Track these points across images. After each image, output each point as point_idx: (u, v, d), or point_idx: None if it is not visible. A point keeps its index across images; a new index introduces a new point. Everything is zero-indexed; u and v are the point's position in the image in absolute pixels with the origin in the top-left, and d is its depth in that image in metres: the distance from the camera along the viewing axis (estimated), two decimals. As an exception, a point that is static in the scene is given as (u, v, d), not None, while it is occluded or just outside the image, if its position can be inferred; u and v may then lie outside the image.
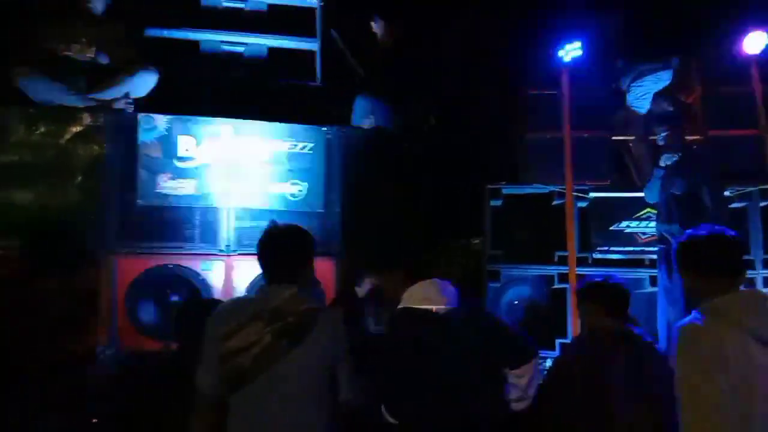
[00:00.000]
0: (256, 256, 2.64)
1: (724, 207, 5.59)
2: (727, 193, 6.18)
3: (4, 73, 5.08)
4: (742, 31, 6.16)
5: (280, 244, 2.67)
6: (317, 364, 2.57)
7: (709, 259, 2.30)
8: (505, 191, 6.47)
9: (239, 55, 5.91)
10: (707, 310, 2.21)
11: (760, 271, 6.02)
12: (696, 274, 2.34)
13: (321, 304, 2.77)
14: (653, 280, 5.86)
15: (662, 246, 5.67)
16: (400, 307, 2.87)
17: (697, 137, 6.72)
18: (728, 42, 6.35)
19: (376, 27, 6.09)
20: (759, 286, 5.97)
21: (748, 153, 6.23)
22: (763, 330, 2.08)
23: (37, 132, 4.90)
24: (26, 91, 5.14)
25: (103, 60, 5.41)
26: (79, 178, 4.91)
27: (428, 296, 2.83)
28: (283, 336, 2.50)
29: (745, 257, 6.09)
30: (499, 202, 6.46)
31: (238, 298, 3.59)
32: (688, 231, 2.46)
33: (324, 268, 4.90)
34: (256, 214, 5.02)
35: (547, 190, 6.44)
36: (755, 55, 6.11)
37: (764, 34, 6.07)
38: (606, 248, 6.24)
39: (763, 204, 6.04)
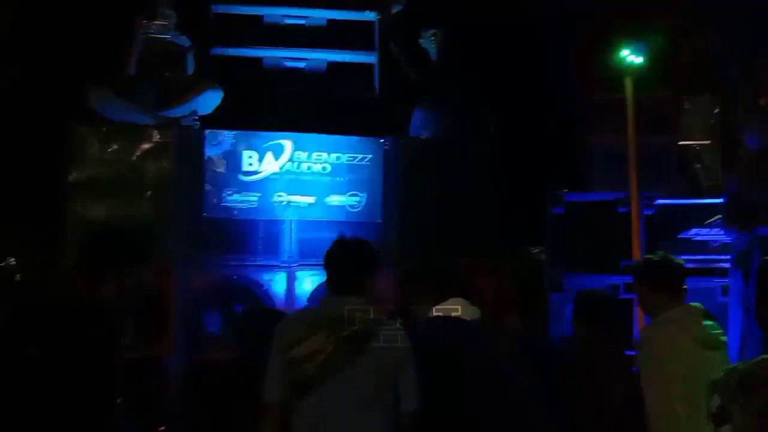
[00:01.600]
0: (317, 267, 2.72)
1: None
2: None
3: (79, 94, 5.36)
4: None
5: (346, 256, 2.72)
6: (380, 373, 2.59)
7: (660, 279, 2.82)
8: (567, 198, 6.35)
9: (300, 70, 6.05)
10: (662, 320, 2.76)
11: None
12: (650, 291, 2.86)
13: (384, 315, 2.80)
14: (725, 290, 5.61)
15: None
16: (431, 317, 2.91)
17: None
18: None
19: (424, 42, 6.12)
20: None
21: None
22: (702, 333, 2.65)
23: (110, 149, 5.15)
24: (101, 111, 5.40)
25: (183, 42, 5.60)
26: (149, 193, 5.12)
27: (455, 308, 2.87)
28: (347, 344, 2.54)
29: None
30: (561, 210, 6.34)
31: (303, 308, 3.68)
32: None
33: (382, 280, 4.92)
34: (317, 225, 5.11)
35: (612, 197, 6.28)
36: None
37: None
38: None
39: None
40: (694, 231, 5.98)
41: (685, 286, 2.85)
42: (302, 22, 6.15)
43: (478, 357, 2.84)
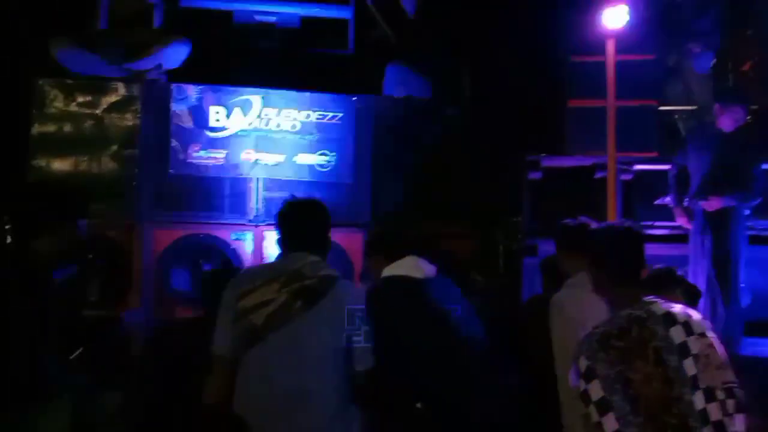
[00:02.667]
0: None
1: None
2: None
3: (42, 45, 5.20)
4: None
5: (299, 214, 2.68)
6: (331, 330, 2.55)
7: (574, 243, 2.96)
8: (544, 163, 6.28)
9: (272, 25, 5.88)
10: (573, 282, 2.91)
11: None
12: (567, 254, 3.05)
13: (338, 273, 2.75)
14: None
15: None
16: (382, 277, 2.88)
17: (754, 106, 6.34)
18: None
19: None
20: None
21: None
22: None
23: (75, 103, 5.01)
24: (65, 64, 5.25)
25: None
26: (114, 148, 5.00)
27: (408, 268, 2.83)
28: (298, 297, 2.50)
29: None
30: (538, 175, 6.28)
31: (260, 264, 3.62)
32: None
33: (352, 240, 4.87)
34: (285, 184, 5.01)
35: (589, 162, 6.21)
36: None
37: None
38: (650, 223, 5.98)
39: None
40: (669, 198, 5.93)
41: None
42: (274, -25, 5.97)
43: (426, 314, 2.81)
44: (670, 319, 2.05)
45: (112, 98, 5.07)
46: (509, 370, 3.31)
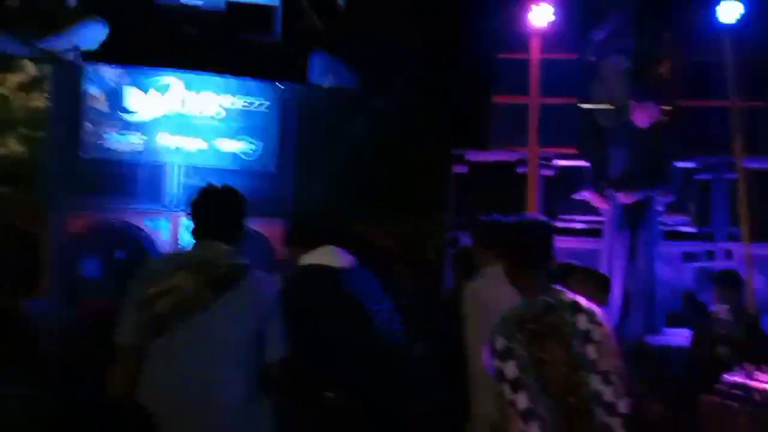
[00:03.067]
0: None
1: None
2: (693, 165, 6.14)
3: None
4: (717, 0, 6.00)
5: (212, 203, 2.61)
6: (242, 320, 2.49)
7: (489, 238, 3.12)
8: (469, 157, 6.40)
9: (196, 8, 5.71)
10: (487, 273, 3.01)
11: (722, 244, 5.99)
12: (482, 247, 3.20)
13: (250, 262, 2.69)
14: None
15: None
16: (300, 265, 2.86)
17: (668, 107, 6.63)
18: (702, 11, 6.19)
19: None
20: (720, 258, 5.95)
21: (718, 124, 6.12)
22: None
23: (-20, 81, 4.72)
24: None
25: None
26: (22, 130, 4.74)
27: (325, 257, 2.83)
28: (208, 286, 2.43)
29: (707, 230, 6.12)
30: (463, 169, 6.39)
31: (169, 252, 3.51)
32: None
33: (275, 231, 4.79)
34: (206, 172, 4.87)
35: (512, 158, 6.36)
36: (729, 25, 5.95)
37: (738, 3, 5.91)
38: (568, 217, 6.18)
39: (729, 176, 5.98)
40: (588, 193, 6.12)
41: None
42: (199, -44, 5.78)
43: (341, 303, 2.80)
44: (576, 307, 2.21)
45: (21, 78, 4.79)
46: (426, 359, 3.34)
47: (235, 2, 5.73)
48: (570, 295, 2.26)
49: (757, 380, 3.11)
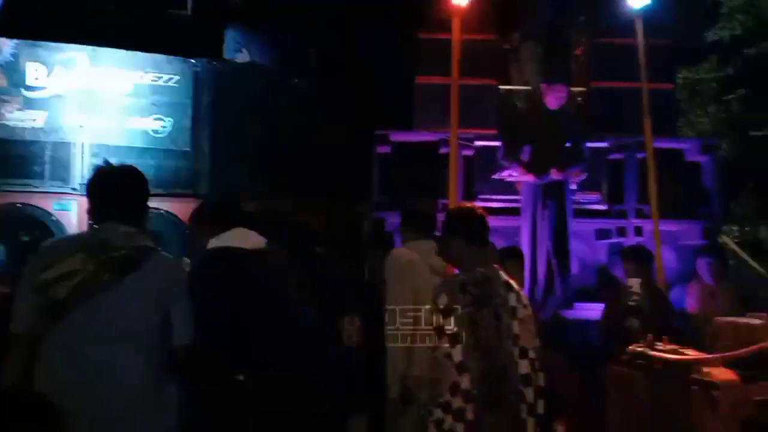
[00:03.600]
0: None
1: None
2: (605, 145, 6.33)
3: None
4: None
5: (110, 183, 2.47)
6: (145, 304, 2.37)
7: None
8: (393, 138, 6.38)
9: (103, -21, 5.43)
10: (408, 244, 3.39)
11: (632, 221, 6.22)
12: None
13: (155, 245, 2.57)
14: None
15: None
16: (210, 247, 2.76)
17: (582, 88, 6.82)
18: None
19: None
20: (631, 235, 6.18)
21: (628, 105, 6.32)
22: (431, 261, 3.17)
23: None
24: None
25: None
26: None
27: (236, 239, 2.76)
28: (106, 269, 2.30)
29: (619, 207, 6.35)
30: (386, 149, 6.37)
31: (65, 235, 3.33)
32: None
33: (189, 210, 4.64)
34: (115, 150, 4.67)
35: (435, 138, 6.38)
36: (640, 9, 6.14)
37: (648, -13, 6.10)
38: (488, 196, 6.27)
39: (639, 156, 6.21)
40: (507, 172, 6.24)
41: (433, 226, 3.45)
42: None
43: (251, 286, 2.72)
44: (509, 285, 2.54)
45: None
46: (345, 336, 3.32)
47: (146, -26, 5.49)
48: (503, 275, 2.56)
49: (657, 350, 3.24)
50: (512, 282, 2.54)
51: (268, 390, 2.70)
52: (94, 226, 2.49)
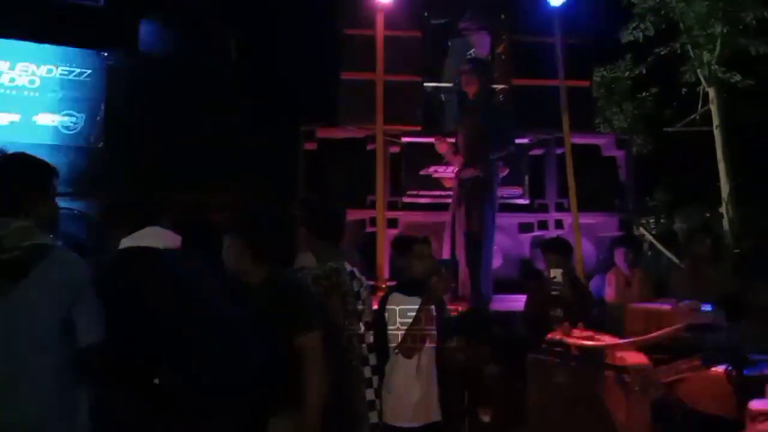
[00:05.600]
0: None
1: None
2: (526, 141, 6.49)
3: None
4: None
5: (3, 172, 2.32)
6: (44, 306, 2.25)
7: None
8: (319, 134, 6.32)
9: (6, -35, 5.12)
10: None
11: (553, 214, 6.41)
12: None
13: (54, 241, 2.43)
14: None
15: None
16: (121, 248, 2.66)
17: (503, 86, 6.97)
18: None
19: None
20: (551, 228, 6.37)
21: (548, 102, 6.50)
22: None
23: None
24: None
25: None
26: None
27: (148, 238, 2.66)
28: (1, 272, 2.17)
29: (540, 201, 6.53)
30: (313, 145, 6.31)
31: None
32: None
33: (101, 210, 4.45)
34: (22, 147, 4.38)
35: (361, 135, 6.37)
36: (559, 8, 6.32)
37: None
38: (415, 193, 6.32)
39: (558, 151, 6.40)
40: (432, 168, 6.31)
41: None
42: None
43: (164, 285, 2.63)
44: (353, 274, 3.09)
45: None
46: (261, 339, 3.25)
47: (54, -39, 5.21)
48: (348, 265, 3.10)
49: (573, 337, 3.36)
50: (356, 270, 3.13)
51: (183, 390, 2.63)
52: None
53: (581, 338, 3.30)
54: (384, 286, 5.19)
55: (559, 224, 6.37)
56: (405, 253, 3.64)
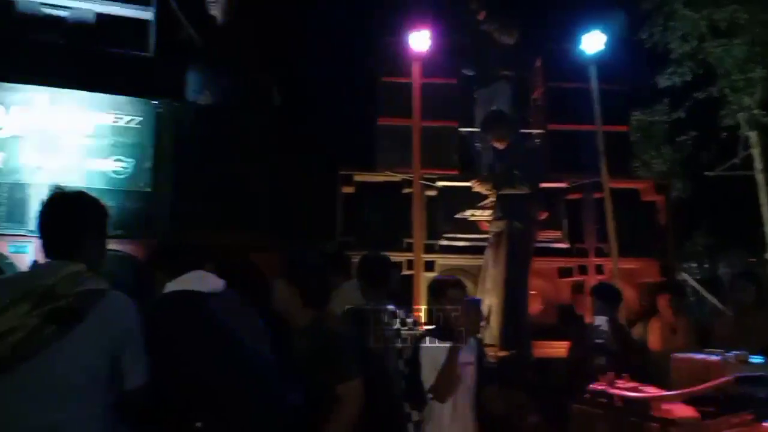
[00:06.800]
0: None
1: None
2: (563, 185, 6.48)
3: None
4: (583, 30, 6.43)
5: (58, 212, 2.33)
6: (95, 353, 2.23)
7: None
8: (357, 178, 6.42)
9: (62, 18, 5.38)
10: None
11: (593, 259, 6.33)
12: None
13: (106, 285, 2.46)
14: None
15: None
16: (165, 291, 2.70)
17: (539, 131, 7.00)
18: (570, 40, 6.62)
19: (208, 1, 5.81)
20: (591, 273, 6.28)
21: (584, 147, 6.51)
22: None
23: None
24: None
25: None
26: None
27: (192, 282, 2.70)
28: (51, 320, 2.16)
29: (580, 246, 6.47)
30: (351, 189, 6.40)
31: (6, 276, 3.18)
32: None
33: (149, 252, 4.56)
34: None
35: (398, 179, 6.45)
36: (594, 54, 6.38)
37: (602, 34, 6.36)
38: (452, 236, 6.33)
39: (596, 196, 6.36)
40: (469, 212, 6.33)
41: None
42: (64, -36, 5.46)
43: (208, 329, 2.66)
44: (393, 314, 3.46)
45: None
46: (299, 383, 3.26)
47: (106, 13, 5.46)
48: (391, 306, 3.50)
49: (617, 387, 3.28)
50: (395, 309, 3.49)
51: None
52: (38, 263, 2.36)
53: (626, 389, 3.22)
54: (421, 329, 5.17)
55: (599, 269, 6.30)
56: (439, 297, 3.64)
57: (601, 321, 3.99)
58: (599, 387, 3.34)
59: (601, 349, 3.93)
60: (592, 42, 6.35)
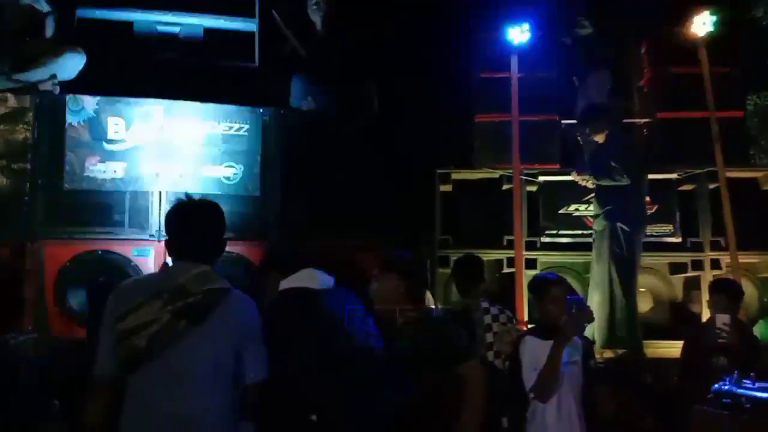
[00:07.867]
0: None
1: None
2: (675, 176, 6.17)
3: None
4: (692, 12, 6.09)
5: (186, 218, 2.50)
6: (221, 348, 2.41)
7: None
8: (454, 176, 6.41)
9: (175, 35, 5.74)
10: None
11: (708, 253, 6.00)
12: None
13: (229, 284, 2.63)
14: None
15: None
16: (281, 289, 2.83)
17: (647, 119, 6.70)
18: (678, 23, 6.29)
19: (309, 11, 6.01)
20: (707, 268, 5.95)
21: (696, 135, 6.16)
22: None
23: (-39, 115, 4.73)
24: (-50, 73, 4.95)
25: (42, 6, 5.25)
26: (4, 162, 4.74)
27: (304, 279, 2.80)
28: (182, 316, 2.35)
29: (693, 240, 6.13)
30: (448, 187, 6.39)
31: (141, 276, 3.45)
32: None
33: (259, 254, 4.78)
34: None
35: (496, 175, 6.38)
36: (704, 35, 6.03)
37: (711, 15, 6.00)
38: (554, 232, 6.19)
39: (711, 186, 6.02)
40: (573, 206, 6.16)
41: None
42: (177, -15, 5.82)
43: (322, 324, 2.76)
44: (486, 310, 3.85)
45: (1, 110, 4.81)
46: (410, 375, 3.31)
47: (214, 29, 5.77)
48: (483, 303, 3.90)
49: (744, 387, 3.09)
50: (490, 306, 3.87)
51: (338, 427, 2.72)
52: (168, 265, 2.55)
53: (755, 390, 3.03)
54: (523, 329, 5.10)
55: (715, 264, 5.94)
56: (540, 295, 3.55)
57: (722, 319, 3.77)
58: (724, 388, 3.17)
59: (723, 349, 3.72)
60: (702, 23, 6.00)
